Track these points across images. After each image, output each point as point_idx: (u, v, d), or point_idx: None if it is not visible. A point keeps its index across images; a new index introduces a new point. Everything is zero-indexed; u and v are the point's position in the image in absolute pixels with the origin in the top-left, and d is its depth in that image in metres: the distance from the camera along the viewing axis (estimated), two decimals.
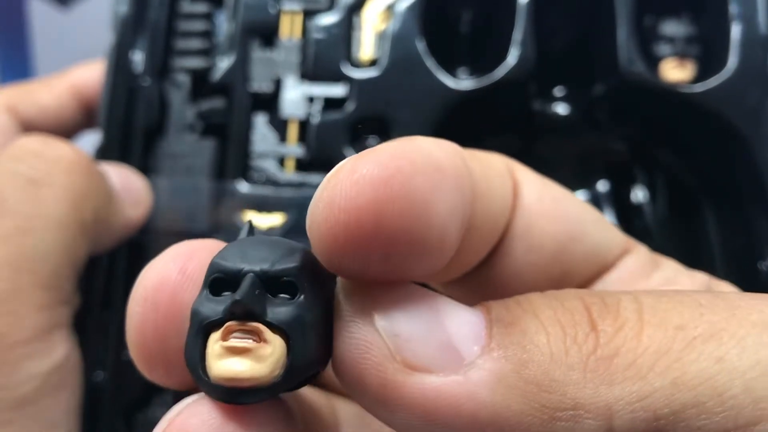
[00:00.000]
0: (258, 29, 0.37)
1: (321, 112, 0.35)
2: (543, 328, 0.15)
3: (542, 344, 0.14)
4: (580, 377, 0.14)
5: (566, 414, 0.14)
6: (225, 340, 0.14)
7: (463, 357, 0.14)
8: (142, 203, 0.33)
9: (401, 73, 0.35)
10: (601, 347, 0.14)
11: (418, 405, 0.14)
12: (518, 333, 0.15)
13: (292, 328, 0.14)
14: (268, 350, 0.14)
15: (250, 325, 0.14)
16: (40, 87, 0.40)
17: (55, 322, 0.28)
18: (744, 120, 0.34)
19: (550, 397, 0.14)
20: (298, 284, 0.14)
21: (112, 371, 0.34)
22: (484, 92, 0.35)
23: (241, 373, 0.14)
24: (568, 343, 0.14)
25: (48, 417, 0.27)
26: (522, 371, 0.14)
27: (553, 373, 0.14)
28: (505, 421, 0.14)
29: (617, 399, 0.14)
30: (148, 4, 0.37)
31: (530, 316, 0.15)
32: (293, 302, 0.14)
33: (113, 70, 0.36)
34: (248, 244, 0.15)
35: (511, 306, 0.15)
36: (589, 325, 0.15)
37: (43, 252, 0.27)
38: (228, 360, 0.14)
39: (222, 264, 0.15)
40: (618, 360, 0.14)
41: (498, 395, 0.14)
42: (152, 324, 0.16)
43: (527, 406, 0.14)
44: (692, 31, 0.37)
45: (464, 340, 0.14)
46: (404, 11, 0.36)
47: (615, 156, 0.41)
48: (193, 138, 0.36)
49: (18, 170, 0.28)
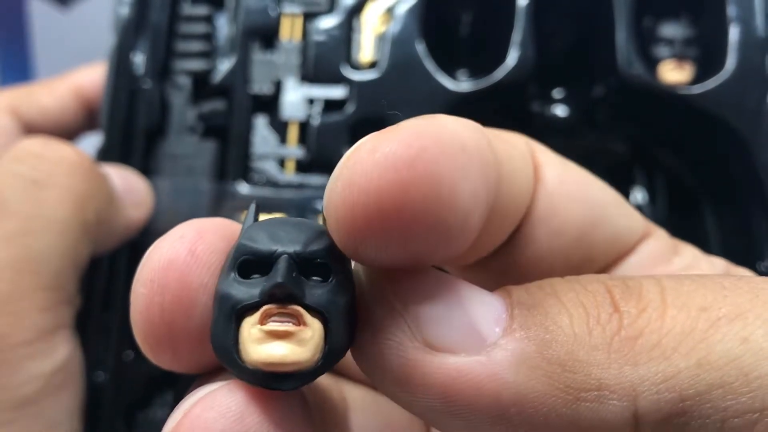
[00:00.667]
0: (258, 31, 0.37)
1: (321, 114, 0.36)
2: (565, 310, 0.14)
3: (565, 325, 0.14)
4: (604, 357, 0.14)
5: (591, 395, 0.14)
6: (263, 324, 0.13)
7: (485, 338, 0.14)
8: (144, 204, 0.33)
9: (401, 75, 0.35)
10: (624, 328, 0.14)
11: (440, 386, 0.14)
12: (540, 314, 0.14)
13: (330, 311, 0.14)
14: (308, 334, 0.13)
15: (291, 309, 0.13)
16: (41, 89, 0.40)
17: (57, 323, 0.28)
18: (742, 121, 0.34)
19: (574, 377, 0.14)
20: (331, 265, 0.14)
21: (112, 371, 0.34)
22: (484, 94, 0.35)
23: (284, 357, 0.13)
24: (591, 324, 0.14)
25: (50, 417, 0.27)
26: (545, 351, 0.14)
27: (576, 353, 0.14)
28: (528, 402, 0.14)
29: (642, 380, 0.13)
30: (150, 6, 0.37)
31: (552, 299, 0.15)
32: (327, 284, 0.14)
33: (114, 72, 0.36)
34: (274, 225, 0.15)
35: (532, 290, 0.15)
36: (612, 306, 0.14)
37: (45, 253, 0.27)
38: (270, 344, 0.13)
39: (252, 246, 0.14)
40: (642, 340, 0.14)
41: (521, 375, 0.14)
42: (159, 306, 0.15)
43: (551, 387, 0.14)
44: (691, 33, 0.37)
45: (486, 321, 0.14)
46: (404, 13, 0.36)
47: (614, 157, 0.41)
48: (194, 139, 0.36)
49: (20, 172, 0.28)
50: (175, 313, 0.15)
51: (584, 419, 0.14)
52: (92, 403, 0.33)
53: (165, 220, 0.35)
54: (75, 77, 0.40)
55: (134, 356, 0.34)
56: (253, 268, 0.14)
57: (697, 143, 0.38)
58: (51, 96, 0.39)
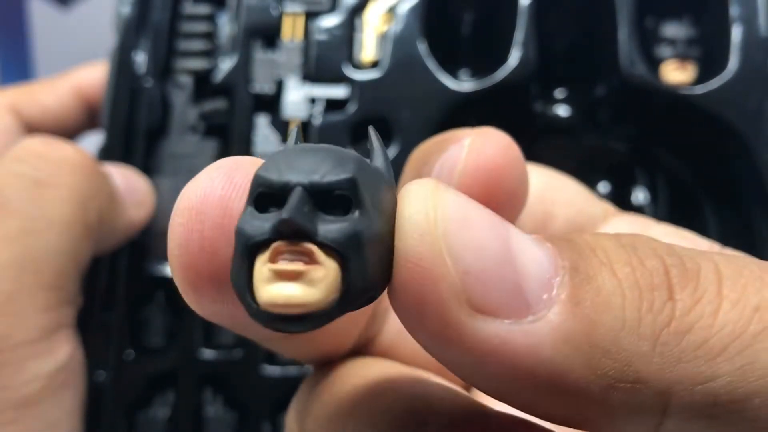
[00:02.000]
0: (260, 31, 0.37)
1: (322, 114, 0.36)
2: (620, 290, 0.13)
3: (617, 307, 0.13)
4: (648, 350, 0.13)
5: (626, 385, 0.13)
6: (273, 263, 0.12)
7: (530, 305, 0.13)
8: (145, 204, 0.33)
9: (403, 74, 0.35)
10: (676, 320, 0.13)
11: (477, 349, 0.13)
12: (593, 290, 0.13)
13: (346, 247, 0.13)
14: (320, 273, 0.12)
15: (301, 246, 0.12)
16: (42, 88, 0.40)
17: (58, 323, 0.28)
18: (744, 122, 0.34)
19: (614, 365, 0.13)
20: (353, 197, 0.13)
21: (113, 371, 0.34)
22: (486, 94, 0.35)
23: (291, 298, 0.12)
24: (644, 311, 0.13)
25: (51, 417, 0.27)
26: (591, 334, 0.13)
27: (622, 342, 0.13)
28: (563, 383, 0.13)
29: (680, 379, 0.13)
30: (151, 5, 0.37)
31: (607, 272, 0.14)
32: (347, 218, 0.13)
33: (116, 71, 0.36)
34: (294, 152, 0.13)
35: (585, 253, 0.14)
36: (668, 292, 0.14)
37: (47, 253, 0.27)
38: (277, 285, 0.12)
39: (266, 176, 0.13)
40: (691, 337, 0.13)
41: (561, 355, 0.13)
42: (198, 237, 0.14)
43: (589, 372, 0.13)
44: (693, 33, 0.37)
45: (534, 285, 0.13)
46: (406, 13, 0.36)
47: (616, 157, 0.41)
48: (196, 139, 0.36)
49: (22, 171, 0.28)
50: (216, 244, 0.14)
51: (613, 404, 0.13)
52: (93, 403, 0.33)
53: (166, 219, 0.34)
54: (76, 76, 0.40)
55: (135, 356, 0.34)
56: (270, 201, 0.13)
57: (699, 143, 0.38)
58: (52, 95, 0.39)
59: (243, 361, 0.34)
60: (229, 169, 0.14)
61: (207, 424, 0.34)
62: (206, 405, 0.34)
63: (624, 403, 0.13)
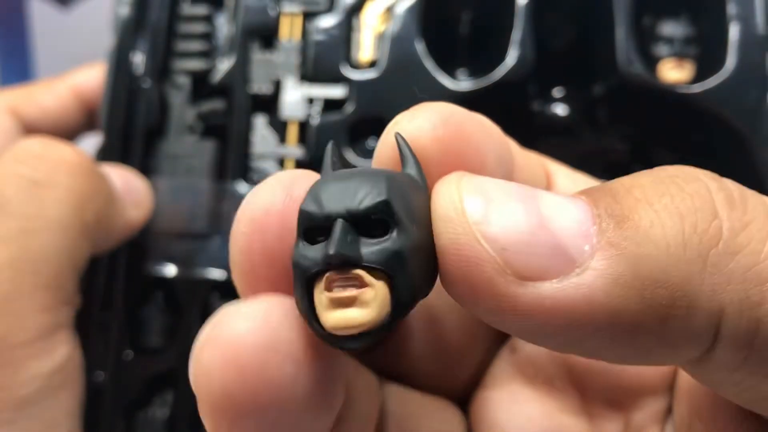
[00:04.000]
0: (258, 31, 0.37)
1: (320, 114, 0.36)
2: (659, 220, 0.14)
3: (658, 237, 0.13)
4: (698, 272, 0.13)
5: (681, 311, 0.13)
6: (329, 291, 0.14)
7: (574, 259, 0.14)
8: (143, 204, 0.33)
9: (400, 74, 0.35)
10: (724, 241, 0.13)
11: (534, 313, 0.14)
12: (631, 228, 0.14)
13: (390, 267, 0.14)
14: (371, 294, 0.14)
15: (350, 273, 0.14)
16: (41, 89, 0.40)
17: (57, 323, 0.28)
18: (742, 120, 0.34)
19: (665, 294, 0.13)
20: (389, 219, 0.14)
21: (112, 371, 0.34)
22: (484, 93, 0.35)
23: (351, 320, 0.14)
24: (687, 234, 0.13)
25: (49, 417, 0.27)
26: (638, 270, 0.13)
27: (670, 269, 0.13)
28: (622, 321, 0.13)
29: (731, 301, 0.13)
30: (149, 6, 0.37)
31: (643, 206, 0.14)
32: (387, 239, 0.14)
33: (114, 72, 0.36)
34: (331, 182, 0.15)
35: (620, 194, 0.14)
36: (712, 212, 0.14)
37: (45, 253, 0.27)
38: (336, 312, 0.14)
39: (309, 211, 0.14)
40: (740, 258, 0.13)
41: (614, 297, 0.13)
42: (260, 246, 0.15)
43: (644, 305, 0.13)
44: (691, 31, 0.37)
45: (573, 240, 0.14)
46: (403, 13, 0.36)
47: (614, 156, 0.41)
48: (193, 139, 0.36)
49: (20, 172, 0.28)
50: (275, 251, 0.15)
51: (670, 333, 0.14)
52: (92, 403, 0.33)
53: (164, 219, 0.35)
54: (75, 77, 0.40)
55: (134, 356, 0.34)
56: (317, 232, 0.14)
57: (697, 142, 0.38)
58: (51, 96, 0.39)
59: None
60: (288, 182, 0.16)
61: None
62: None
63: (680, 328, 0.13)
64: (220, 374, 0.14)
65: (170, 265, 0.35)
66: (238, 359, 0.14)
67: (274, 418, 0.14)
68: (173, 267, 0.35)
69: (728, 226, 0.14)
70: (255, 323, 0.14)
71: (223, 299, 0.35)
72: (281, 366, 0.14)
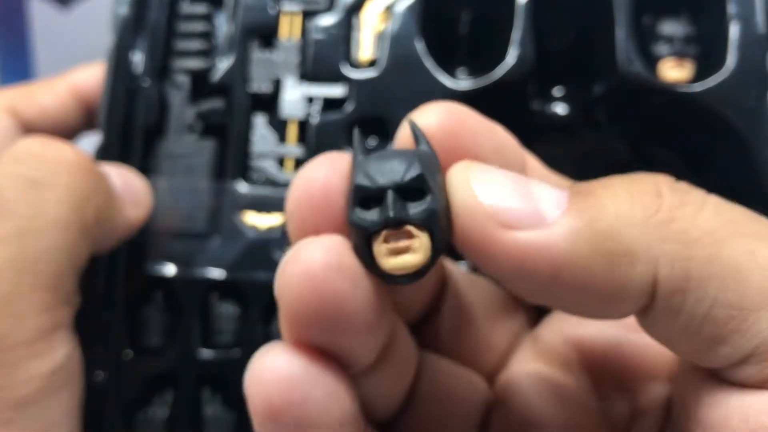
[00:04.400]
0: (257, 30, 0.37)
1: (320, 113, 0.36)
2: (614, 194, 0.18)
3: (610, 205, 0.18)
4: (639, 232, 0.17)
5: (623, 259, 0.17)
6: (387, 242, 0.18)
7: (546, 217, 0.18)
8: (143, 204, 0.33)
9: (400, 73, 0.35)
10: (662, 211, 0.17)
11: (511, 254, 0.18)
12: (592, 198, 0.18)
13: (429, 222, 0.18)
14: (417, 243, 0.18)
15: (403, 229, 0.18)
16: (40, 88, 0.40)
17: (56, 323, 0.28)
18: (743, 119, 0.34)
19: (612, 244, 0.17)
20: (424, 186, 0.19)
21: (112, 371, 0.34)
22: (483, 92, 0.35)
23: (407, 262, 0.18)
24: (635, 206, 0.18)
25: (49, 417, 0.27)
26: (592, 225, 0.17)
27: (617, 227, 0.17)
28: (576, 263, 0.17)
29: (664, 253, 0.17)
30: (148, 5, 0.37)
31: (604, 187, 0.18)
32: (424, 201, 0.18)
33: (113, 71, 0.36)
34: (376, 161, 0.19)
35: (593, 183, 0.19)
36: (657, 195, 0.18)
37: (44, 253, 0.27)
38: (395, 257, 0.18)
39: (364, 185, 0.19)
40: (674, 225, 0.17)
41: (572, 243, 0.17)
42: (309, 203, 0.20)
43: (594, 252, 0.17)
44: (691, 30, 0.37)
45: (549, 205, 0.18)
46: (403, 12, 0.36)
47: (614, 155, 0.41)
48: (193, 138, 0.36)
49: (19, 172, 0.28)
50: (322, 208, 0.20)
51: (617, 278, 0.17)
52: (92, 403, 0.33)
53: (164, 219, 0.35)
54: (74, 76, 0.40)
55: (134, 356, 0.34)
56: (369, 200, 0.19)
57: (697, 142, 0.38)
58: (50, 95, 0.39)
59: (242, 361, 0.34)
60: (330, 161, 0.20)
61: (206, 424, 0.34)
62: (205, 405, 0.34)
63: (624, 274, 0.17)
64: (297, 284, 0.18)
65: (170, 265, 0.35)
66: (311, 273, 0.18)
67: (333, 323, 0.18)
68: (173, 266, 0.35)
69: (668, 203, 0.18)
70: (324, 249, 0.18)
71: (223, 299, 0.35)
72: (341, 281, 0.18)
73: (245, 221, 0.35)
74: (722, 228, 0.17)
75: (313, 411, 0.18)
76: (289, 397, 0.18)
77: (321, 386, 0.19)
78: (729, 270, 0.17)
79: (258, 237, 0.35)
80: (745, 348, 0.17)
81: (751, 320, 0.17)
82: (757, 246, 0.17)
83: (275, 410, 0.18)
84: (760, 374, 0.17)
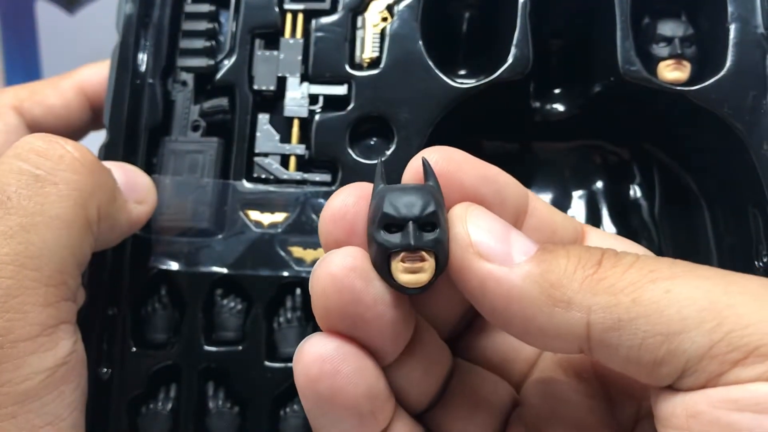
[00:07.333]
0: (261, 29, 0.37)
1: (323, 111, 0.36)
2: (566, 256, 0.22)
3: (562, 263, 0.22)
4: (577, 286, 0.22)
5: (563, 304, 0.22)
6: (404, 262, 0.23)
7: (513, 259, 0.23)
8: (147, 200, 0.33)
9: (402, 72, 0.36)
10: (597, 274, 0.22)
11: (477, 276, 0.22)
12: (552, 256, 0.23)
13: (437, 249, 0.23)
14: (427, 265, 0.23)
15: (417, 253, 0.23)
16: (46, 87, 0.40)
17: (59, 319, 0.28)
18: (740, 119, 0.34)
19: (555, 292, 0.22)
20: (436, 221, 0.23)
21: (117, 366, 0.34)
22: (484, 91, 0.35)
23: (418, 279, 0.23)
24: (579, 267, 0.22)
25: (52, 411, 0.27)
26: (544, 275, 0.22)
27: (562, 280, 0.22)
28: (525, 299, 0.22)
29: (595, 303, 0.21)
30: (153, 4, 0.37)
31: (562, 249, 0.23)
32: (435, 232, 0.23)
33: (118, 70, 0.36)
34: (402, 195, 0.23)
35: (557, 244, 0.23)
36: (597, 262, 0.22)
37: (47, 249, 0.27)
38: (407, 274, 0.23)
39: (390, 214, 0.23)
40: (604, 282, 0.22)
41: (526, 283, 0.22)
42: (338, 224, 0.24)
43: (541, 294, 0.22)
44: (690, 31, 0.37)
45: (519, 251, 0.23)
46: (405, 11, 0.36)
47: (613, 155, 0.41)
48: (197, 136, 0.36)
49: (23, 168, 0.28)
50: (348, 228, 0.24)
51: (555, 318, 0.22)
52: (97, 397, 0.34)
53: (168, 215, 0.35)
54: (79, 75, 0.40)
55: (138, 351, 0.35)
56: (392, 226, 0.23)
57: (695, 141, 0.38)
58: (56, 94, 0.39)
59: (245, 356, 0.34)
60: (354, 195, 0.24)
61: (209, 418, 0.34)
62: (208, 399, 0.35)
63: (563, 316, 0.22)
64: (323, 281, 0.23)
65: (174, 262, 0.35)
66: (333, 273, 0.23)
67: (351, 313, 0.23)
68: (177, 263, 0.35)
69: (603, 267, 0.22)
70: (345, 256, 0.23)
71: (226, 295, 0.35)
72: (356, 279, 0.23)
73: (249, 218, 0.35)
74: (644, 277, 0.21)
75: (342, 382, 0.23)
76: (322, 370, 0.23)
77: (349, 363, 0.23)
78: (651, 307, 0.21)
79: (261, 234, 0.35)
80: (678, 365, 0.21)
81: (677, 343, 0.20)
82: (672, 285, 0.21)
83: (312, 380, 0.23)
84: (696, 382, 0.21)
